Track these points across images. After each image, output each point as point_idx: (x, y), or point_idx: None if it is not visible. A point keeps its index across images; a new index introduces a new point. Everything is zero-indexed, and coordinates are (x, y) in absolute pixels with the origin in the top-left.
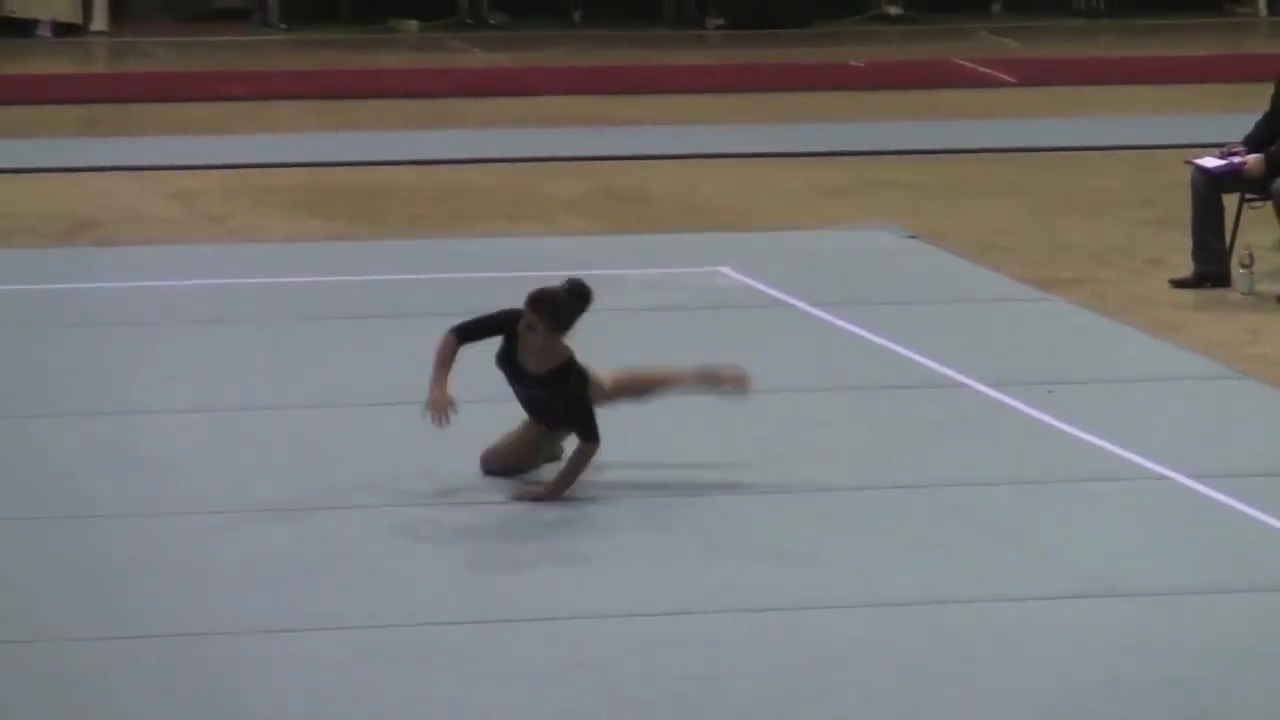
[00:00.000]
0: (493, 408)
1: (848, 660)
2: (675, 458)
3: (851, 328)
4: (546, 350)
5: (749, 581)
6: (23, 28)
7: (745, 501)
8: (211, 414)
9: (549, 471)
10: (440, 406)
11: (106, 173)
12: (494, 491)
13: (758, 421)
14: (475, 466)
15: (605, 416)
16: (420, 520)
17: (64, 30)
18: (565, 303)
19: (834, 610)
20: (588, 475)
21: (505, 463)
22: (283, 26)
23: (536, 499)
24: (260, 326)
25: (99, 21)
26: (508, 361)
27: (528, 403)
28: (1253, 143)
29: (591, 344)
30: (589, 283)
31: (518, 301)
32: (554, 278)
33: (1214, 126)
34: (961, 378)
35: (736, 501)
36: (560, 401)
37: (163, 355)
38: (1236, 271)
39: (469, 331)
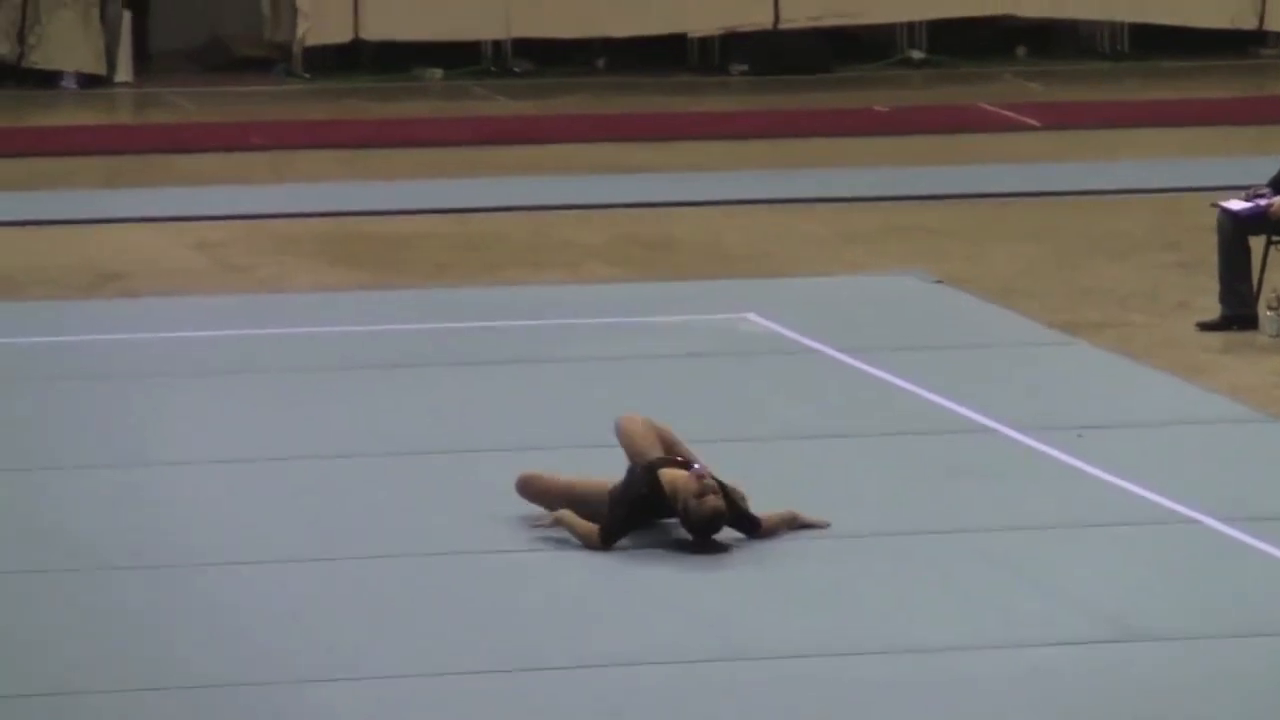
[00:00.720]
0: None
1: (874, 705)
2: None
3: (878, 373)
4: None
5: (776, 627)
6: (47, 79)
7: (773, 547)
8: (234, 465)
9: None
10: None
11: (130, 224)
12: (515, 540)
13: (785, 467)
14: (497, 513)
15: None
16: (443, 569)
17: (88, 81)
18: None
19: (861, 656)
20: None
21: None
22: (306, 76)
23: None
24: (285, 377)
25: (123, 73)
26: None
27: None
28: (1278, 185)
29: (620, 392)
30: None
31: (540, 348)
32: (579, 325)
33: (1239, 169)
34: (989, 422)
35: (765, 547)
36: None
37: (186, 407)
38: (1264, 314)
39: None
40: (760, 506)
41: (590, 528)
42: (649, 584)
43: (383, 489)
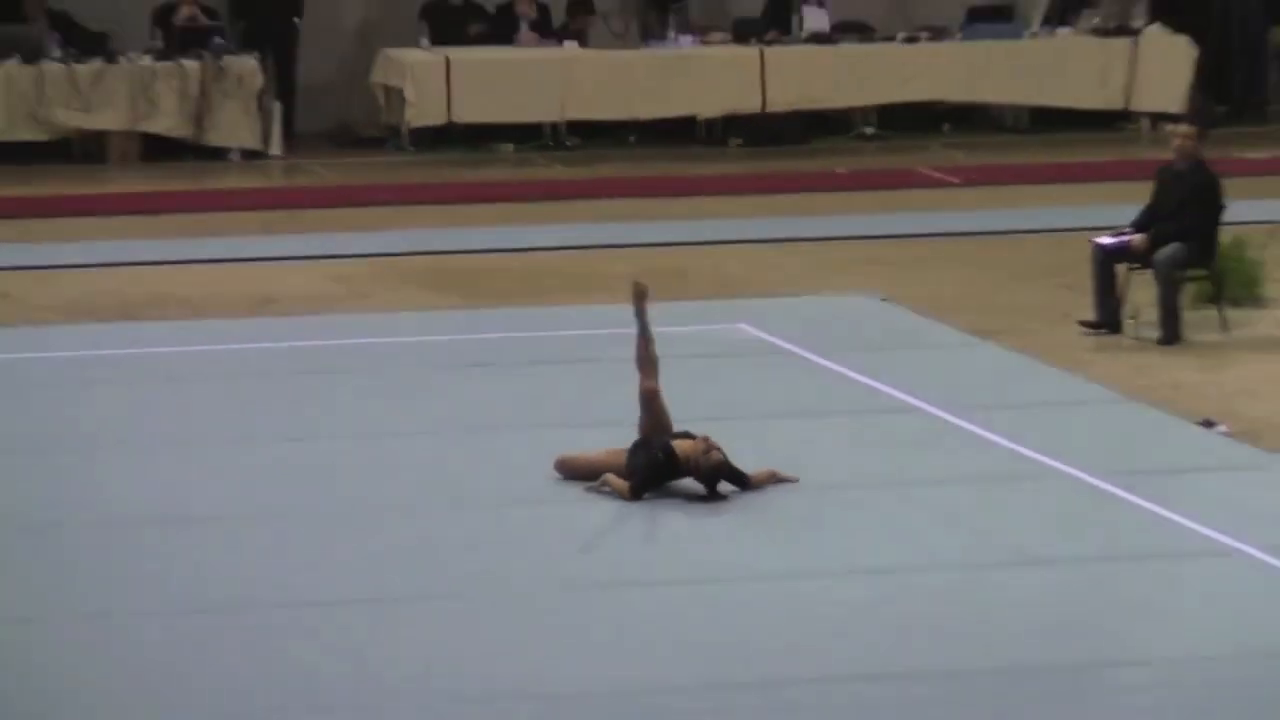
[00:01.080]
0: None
1: (835, 614)
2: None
3: (840, 369)
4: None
5: (763, 555)
6: (218, 153)
7: (759, 498)
8: (370, 438)
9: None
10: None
11: (281, 262)
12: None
13: (769, 439)
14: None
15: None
16: (513, 512)
17: (249, 155)
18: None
19: (826, 577)
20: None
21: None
22: (412, 150)
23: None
24: (399, 374)
25: (275, 148)
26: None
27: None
28: (1138, 225)
29: (633, 388)
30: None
31: (584, 352)
32: (614, 335)
33: (1110, 214)
34: (922, 404)
35: (753, 498)
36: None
37: (330, 396)
38: (1126, 323)
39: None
40: (748, 468)
41: (624, 484)
42: (668, 524)
43: (470, 454)
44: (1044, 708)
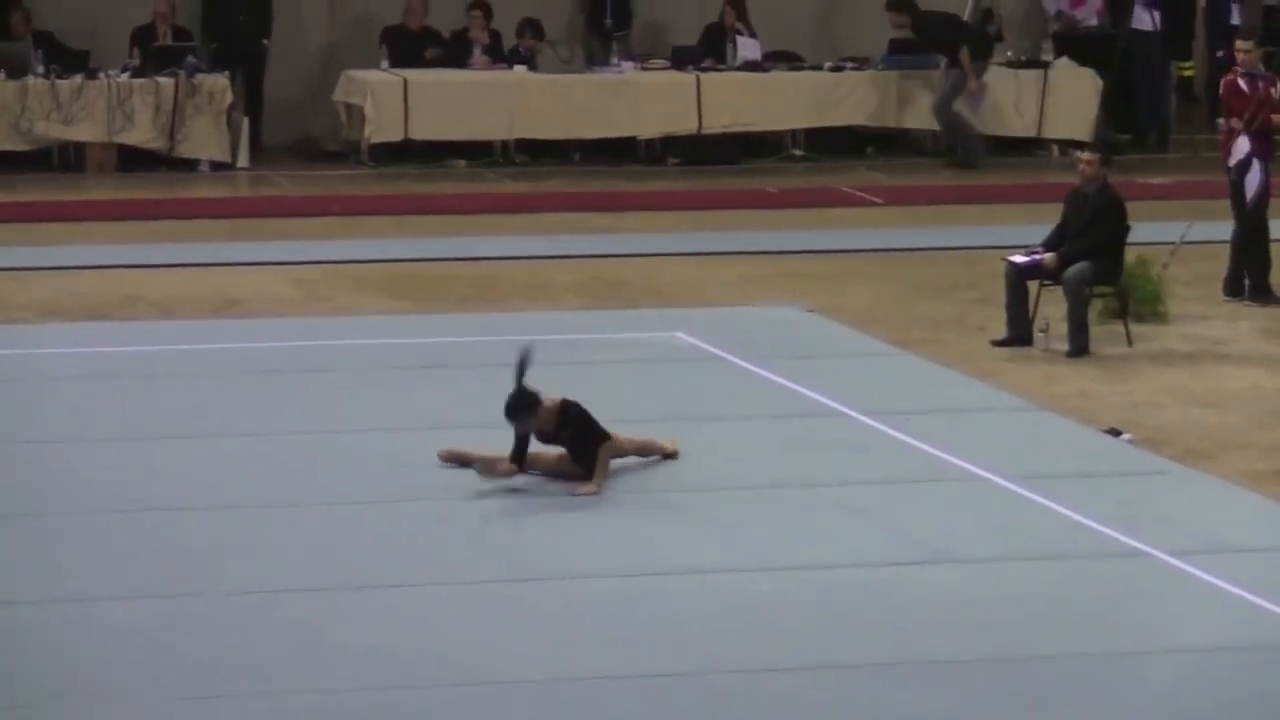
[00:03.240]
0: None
1: (758, 607)
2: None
3: (767, 374)
4: (546, 420)
5: (690, 551)
6: (189, 165)
7: (689, 496)
8: (322, 435)
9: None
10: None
11: (245, 266)
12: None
13: (700, 438)
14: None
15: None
16: (447, 503)
17: (218, 166)
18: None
19: (750, 572)
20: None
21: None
22: (370, 164)
23: (589, 494)
24: (354, 374)
25: (242, 160)
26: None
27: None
28: (1048, 245)
29: (582, 388)
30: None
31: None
32: (559, 340)
33: (1022, 234)
34: (843, 408)
35: (684, 499)
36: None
37: (287, 394)
38: (1036, 335)
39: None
40: (681, 467)
41: (501, 458)
42: (595, 522)
43: (419, 450)
44: (953, 700)
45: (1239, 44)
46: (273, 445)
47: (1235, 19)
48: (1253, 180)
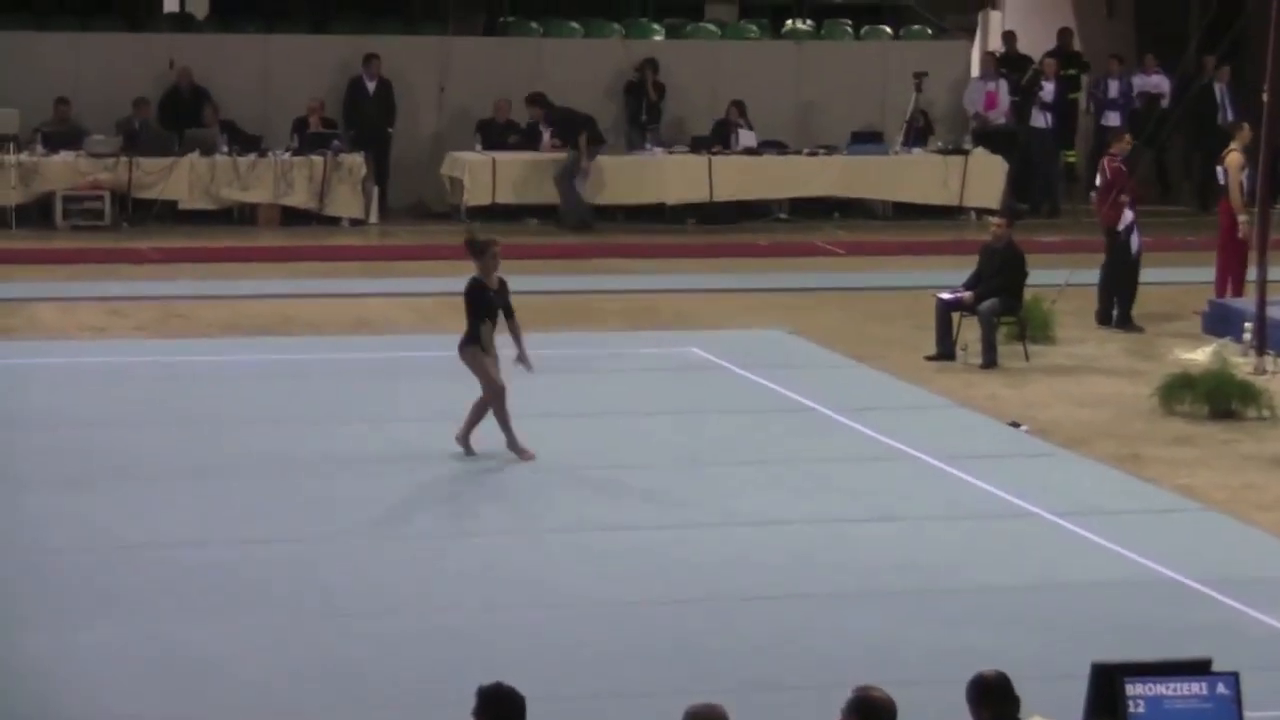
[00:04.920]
0: None
1: (753, 552)
2: (641, 458)
3: (759, 380)
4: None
5: (697, 509)
6: (334, 220)
7: (685, 471)
8: (430, 422)
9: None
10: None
11: (374, 296)
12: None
13: (705, 427)
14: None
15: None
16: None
17: (355, 222)
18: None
19: (736, 527)
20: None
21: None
22: (468, 221)
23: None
24: (452, 376)
25: (373, 217)
26: (484, 294)
27: (494, 307)
28: (967, 285)
29: (621, 387)
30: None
31: (583, 364)
32: (604, 354)
33: (947, 277)
34: (814, 405)
35: (692, 469)
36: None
37: (402, 390)
38: (958, 352)
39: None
40: (692, 446)
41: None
42: (635, 489)
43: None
44: (889, 622)
45: (1126, 139)
46: (395, 427)
47: (1114, 120)
48: (1136, 238)
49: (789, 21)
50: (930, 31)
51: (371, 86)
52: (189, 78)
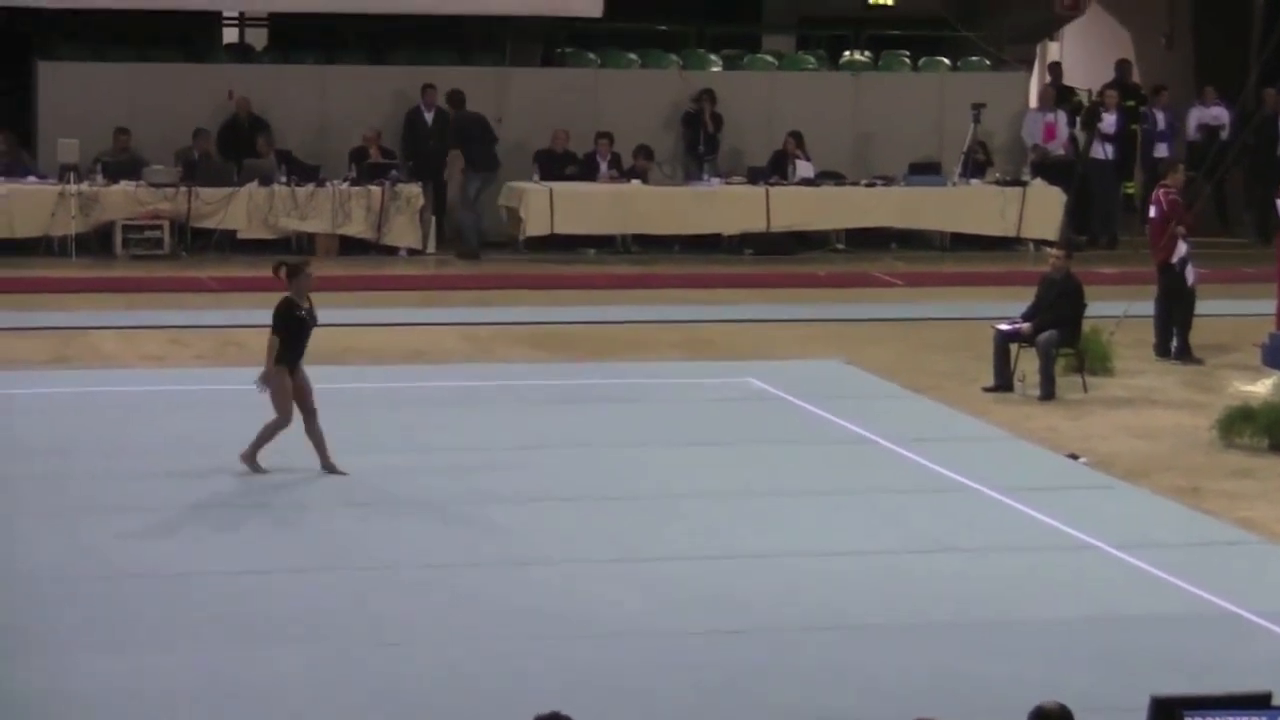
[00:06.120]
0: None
1: (821, 581)
2: (697, 488)
3: (816, 410)
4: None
5: (753, 539)
6: (391, 250)
7: (751, 500)
8: (479, 451)
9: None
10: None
11: (429, 326)
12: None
13: (765, 454)
14: (611, 468)
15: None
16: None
17: (412, 252)
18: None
19: (804, 557)
20: None
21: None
22: (525, 251)
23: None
24: (508, 405)
25: (430, 247)
26: (296, 313)
27: (307, 331)
28: (1025, 316)
29: (679, 417)
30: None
31: (642, 393)
32: (661, 384)
33: (1005, 308)
34: (871, 435)
35: (747, 499)
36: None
37: (456, 418)
38: (1016, 384)
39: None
40: (749, 476)
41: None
42: (692, 520)
43: (554, 461)
44: (951, 654)
45: (1180, 171)
46: (446, 455)
47: (1163, 152)
48: (1191, 270)
49: (846, 53)
50: (988, 63)
51: (430, 116)
52: (247, 108)
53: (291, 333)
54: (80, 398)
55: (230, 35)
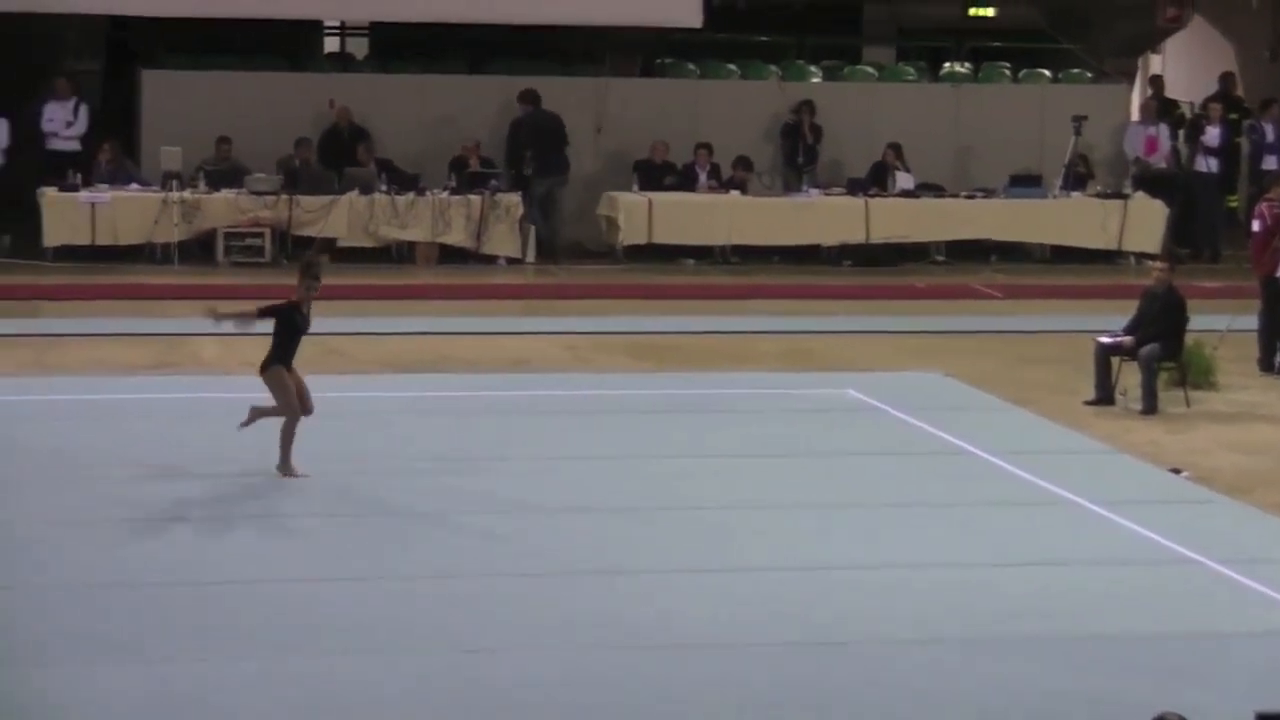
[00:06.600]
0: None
1: (914, 600)
2: (795, 499)
3: (916, 422)
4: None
5: (845, 550)
6: (491, 259)
7: (846, 511)
8: (585, 460)
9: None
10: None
11: (531, 335)
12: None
13: (862, 465)
14: (728, 479)
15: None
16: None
17: (512, 261)
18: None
19: (900, 569)
20: None
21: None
22: (624, 261)
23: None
24: (604, 415)
25: (529, 256)
26: (296, 315)
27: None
28: (1127, 330)
29: (777, 428)
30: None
31: (743, 404)
32: (762, 393)
33: (1107, 321)
34: (970, 448)
35: (843, 511)
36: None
37: (558, 428)
38: (1117, 397)
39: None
40: (847, 487)
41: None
42: (783, 530)
43: (652, 469)
44: (1052, 668)
45: None
46: (540, 464)
47: (1272, 164)
48: None
49: (946, 64)
50: (1090, 75)
51: None
52: (348, 117)
53: (288, 334)
54: (181, 405)
55: (331, 44)
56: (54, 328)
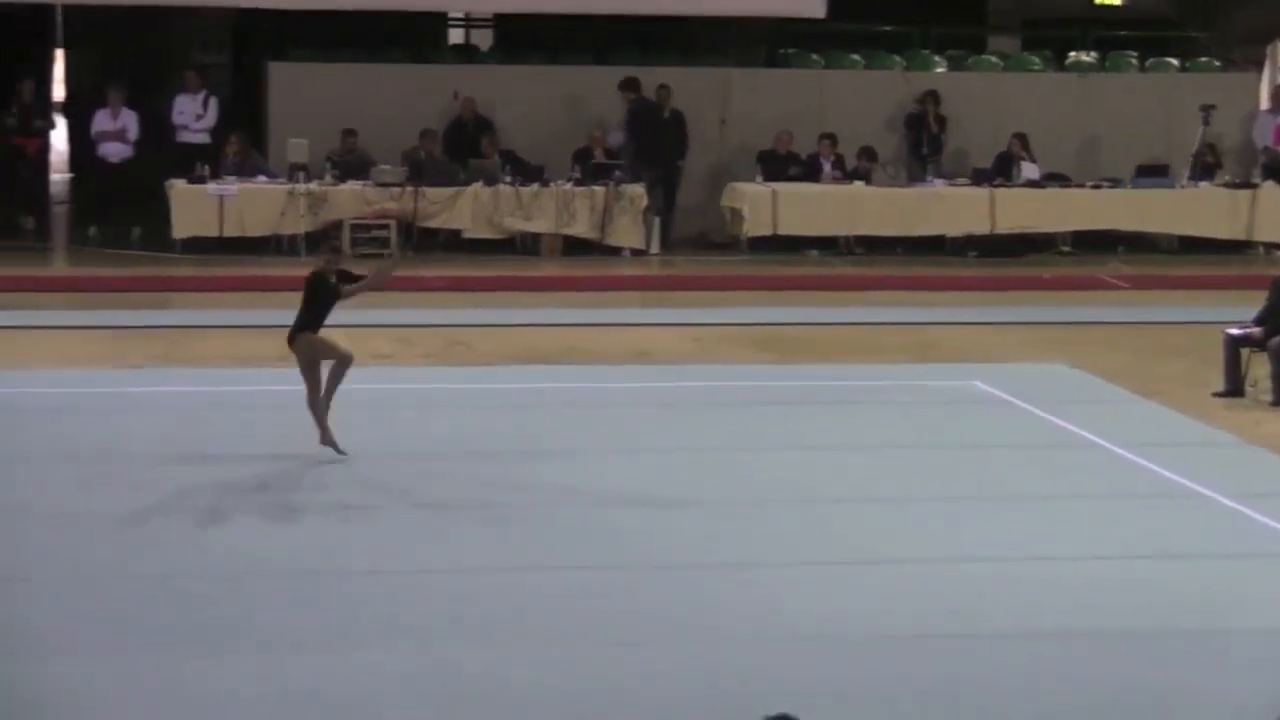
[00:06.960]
0: None
1: (1022, 591)
2: (921, 491)
3: (1042, 414)
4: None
5: (973, 542)
6: (614, 250)
7: (973, 503)
8: (701, 451)
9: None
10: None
11: (655, 327)
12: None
13: (991, 457)
14: (847, 471)
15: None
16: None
17: (636, 252)
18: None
19: (1003, 562)
20: None
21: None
22: (749, 252)
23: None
24: (728, 407)
25: (654, 248)
26: (324, 284)
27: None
28: (1257, 320)
29: (904, 419)
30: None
31: (868, 395)
32: (887, 385)
33: (1236, 312)
34: (1100, 440)
35: (970, 503)
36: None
37: (679, 420)
38: (1247, 389)
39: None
40: (971, 479)
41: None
42: (908, 524)
43: (783, 463)
44: (1183, 662)
45: None
46: (666, 456)
47: None
48: None
49: (1072, 54)
50: (1218, 64)
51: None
52: (473, 108)
53: (319, 301)
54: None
55: (456, 36)
56: (184, 319)
